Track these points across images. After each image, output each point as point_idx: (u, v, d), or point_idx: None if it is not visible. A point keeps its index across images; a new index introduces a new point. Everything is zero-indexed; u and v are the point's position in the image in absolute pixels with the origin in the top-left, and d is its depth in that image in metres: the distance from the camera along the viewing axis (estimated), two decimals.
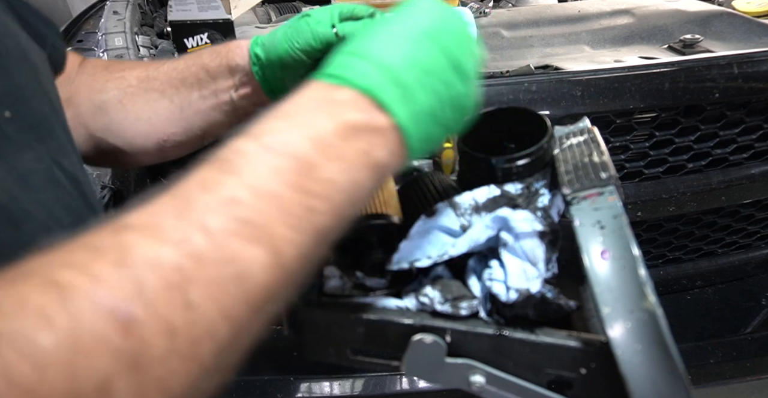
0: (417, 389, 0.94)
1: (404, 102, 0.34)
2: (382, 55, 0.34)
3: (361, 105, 0.33)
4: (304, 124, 0.31)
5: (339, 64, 0.35)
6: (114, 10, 1.16)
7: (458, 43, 0.37)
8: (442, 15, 0.38)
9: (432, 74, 0.35)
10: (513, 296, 0.39)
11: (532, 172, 0.45)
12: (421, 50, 0.35)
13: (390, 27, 0.37)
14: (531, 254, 0.41)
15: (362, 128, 0.32)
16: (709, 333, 1.01)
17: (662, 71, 0.87)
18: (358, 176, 0.32)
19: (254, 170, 0.29)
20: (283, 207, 0.29)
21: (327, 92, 0.33)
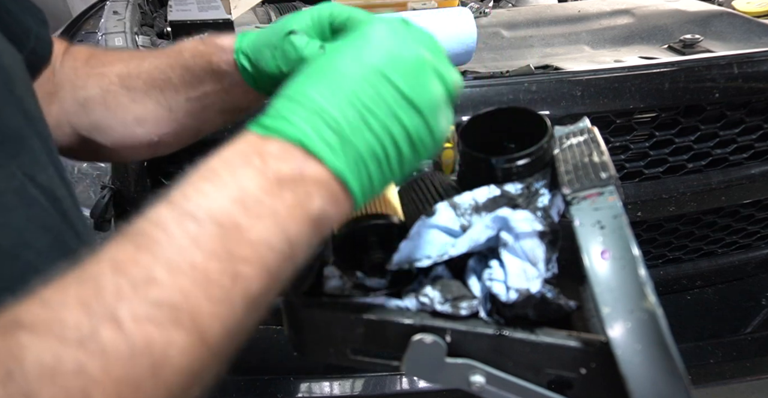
0: (417, 389, 0.94)
1: (339, 148, 0.32)
2: (316, 98, 0.32)
3: (290, 156, 0.31)
4: (228, 183, 0.29)
5: (271, 113, 0.33)
6: (114, 10, 1.16)
7: (407, 70, 0.34)
8: (397, 41, 0.35)
9: (375, 113, 0.33)
10: (513, 297, 0.39)
11: (532, 172, 0.45)
12: (364, 87, 0.33)
13: (333, 62, 0.34)
14: (531, 254, 0.41)
15: (293, 180, 0.30)
16: (709, 333, 1.01)
17: (662, 71, 0.87)
18: (293, 230, 0.30)
19: (172, 243, 0.27)
20: (206, 280, 0.27)
21: (256, 145, 0.31)
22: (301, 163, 0.31)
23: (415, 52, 0.35)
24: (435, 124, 0.35)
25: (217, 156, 0.31)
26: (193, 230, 0.27)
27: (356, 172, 0.32)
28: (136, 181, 0.91)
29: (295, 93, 0.33)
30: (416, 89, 0.34)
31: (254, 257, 0.28)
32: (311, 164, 0.31)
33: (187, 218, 0.28)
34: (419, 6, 1.14)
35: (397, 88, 0.33)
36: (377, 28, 0.35)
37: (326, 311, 0.42)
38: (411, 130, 0.34)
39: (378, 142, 0.33)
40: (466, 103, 0.86)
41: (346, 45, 0.35)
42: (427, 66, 0.35)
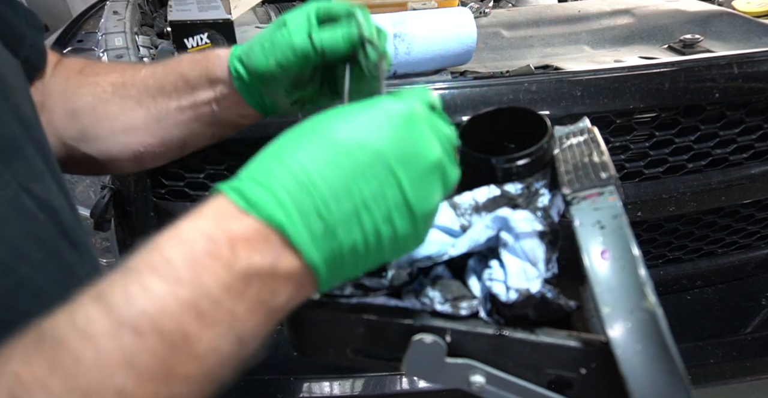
0: (417, 389, 0.94)
1: (321, 240, 0.28)
2: (310, 170, 0.29)
3: (265, 245, 0.27)
4: (185, 283, 0.25)
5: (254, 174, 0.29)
6: (114, 10, 1.16)
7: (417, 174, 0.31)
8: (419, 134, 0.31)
9: (371, 211, 0.30)
10: (513, 297, 0.39)
11: (532, 172, 0.45)
12: (369, 179, 0.29)
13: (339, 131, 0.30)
14: (531, 254, 0.41)
15: (263, 274, 0.27)
16: (709, 333, 1.01)
17: (662, 71, 0.87)
18: (249, 331, 0.27)
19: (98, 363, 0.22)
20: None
21: (227, 224, 0.27)
22: (276, 254, 0.28)
23: (434, 153, 0.32)
24: (424, 231, 0.33)
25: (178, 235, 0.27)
26: (129, 346, 0.23)
27: (331, 265, 0.30)
28: (136, 181, 0.91)
29: (288, 155, 0.29)
30: (420, 197, 0.31)
31: (197, 373, 0.25)
32: (287, 256, 0.28)
33: (125, 330, 0.23)
34: (419, 6, 1.14)
35: (403, 191, 0.30)
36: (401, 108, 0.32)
37: (326, 311, 0.42)
38: (400, 234, 0.31)
39: (363, 240, 0.30)
40: (466, 103, 0.86)
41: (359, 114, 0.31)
42: (439, 171, 0.33)
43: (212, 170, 0.91)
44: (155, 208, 0.94)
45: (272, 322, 0.29)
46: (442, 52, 0.94)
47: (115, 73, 0.56)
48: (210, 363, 0.26)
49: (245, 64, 0.50)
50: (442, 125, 0.35)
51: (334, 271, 0.30)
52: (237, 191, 0.29)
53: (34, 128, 0.43)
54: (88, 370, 0.22)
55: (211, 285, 0.26)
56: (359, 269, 0.32)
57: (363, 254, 0.31)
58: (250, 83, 0.51)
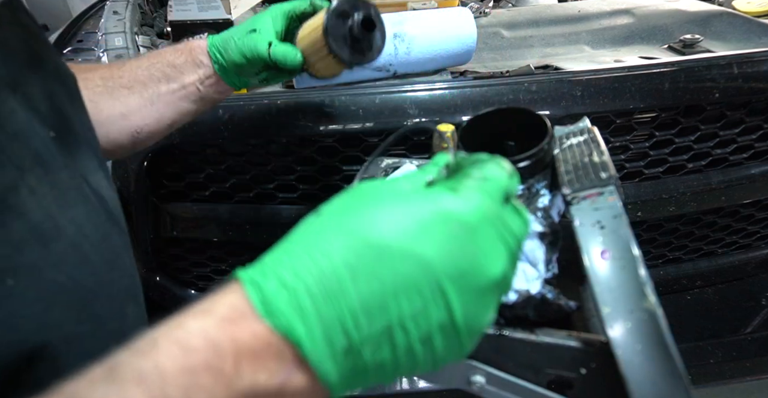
0: (417, 389, 0.94)
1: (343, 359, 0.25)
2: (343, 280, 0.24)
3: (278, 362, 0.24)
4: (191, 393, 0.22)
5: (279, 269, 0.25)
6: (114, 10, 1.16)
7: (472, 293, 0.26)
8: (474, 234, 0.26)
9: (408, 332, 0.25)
10: (513, 297, 0.39)
11: (533, 173, 0.45)
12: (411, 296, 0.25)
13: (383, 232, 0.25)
14: (531, 255, 0.41)
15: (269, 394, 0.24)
16: (709, 333, 1.01)
17: (662, 71, 0.87)
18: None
19: None
20: None
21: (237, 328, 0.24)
22: (288, 373, 0.24)
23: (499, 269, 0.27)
24: (468, 350, 0.28)
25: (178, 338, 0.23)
26: None
27: (348, 381, 0.26)
28: (136, 181, 0.91)
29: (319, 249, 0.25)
30: (472, 318, 0.26)
31: None
32: (299, 374, 0.25)
33: None
34: (419, 6, 1.13)
35: (451, 313, 0.26)
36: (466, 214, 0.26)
37: None
38: (439, 356, 0.27)
39: (393, 360, 0.26)
40: (466, 103, 0.86)
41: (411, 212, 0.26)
42: (500, 288, 0.28)
43: (212, 169, 0.91)
44: (155, 208, 0.94)
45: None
46: (442, 52, 0.94)
47: (102, 69, 0.65)
48: None
49: (222, 54, 0.64)
50: (515, 224, 0.28)
51: (351, 385, 0.27)
52: (257, 287, 0.25)
53: (90, 131, 0.48)
54: None
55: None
56: (380, 381, 0.28)
57: (390, 370, 0.27)
58: (226, 68, 0.64)
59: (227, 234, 0.95)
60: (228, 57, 0.63)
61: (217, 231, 0.95)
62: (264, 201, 0.94)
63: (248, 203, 0.94)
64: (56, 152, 0.40)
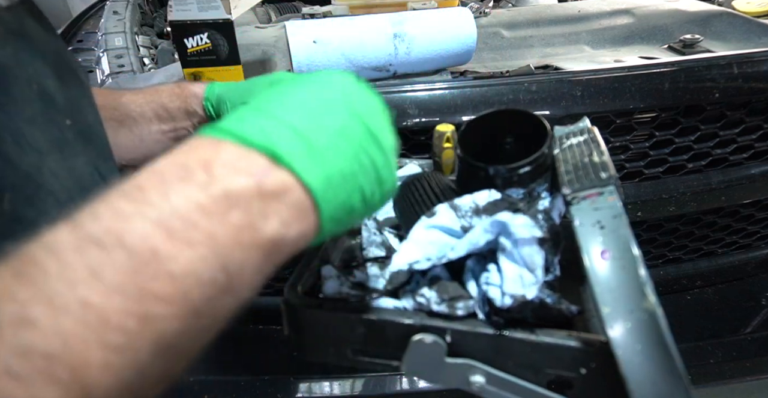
0: (417, 389, 0.94)
1: (312, 159, 0.28)
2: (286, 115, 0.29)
3: (249, 164, 0.27)
4: (154, 203, 0.25)
5: (233, 118, 0.29)
6: (114, 10, 1.16)
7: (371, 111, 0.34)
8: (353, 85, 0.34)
9: (346, 138, 0.31)
10: (507, 302, 0.39)
11: (534, 178, 0.45)
12: (334, 112, 0.31)
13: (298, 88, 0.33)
14: (529, 260, 0.41)
15: (246, 195, 0.26)
16: (709, 333, 1.01)
17: (662, 71, 0.87)
18: (236, 258, 0.26)
19: (63, 275, 0.22)
20: (101, 323, 0.22)
21: (203, 152, 0.27)
22: (263, 172, 0.27)
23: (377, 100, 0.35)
24: (394, 167, 0.34)
25: (149, 168, 0.27)
26: (94, 259, 0.23)
27: (327, 189, 0.29)
28: None
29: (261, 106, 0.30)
30: (380, 126, 0.33)
31: (174, 294, 0.24)
32: (276, 172, 0.27)
33: (90, 244, 0.23)
34: (419, 6, 1.13)
35: (366, 121, 0.32)
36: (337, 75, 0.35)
37: (326, 311, 0.42)
38: (378, 164, 0.32)
39: (350, 168, 0.30)
40: (466, 103, 0.86)
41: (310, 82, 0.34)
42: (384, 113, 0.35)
43: None
44: None
45: (269, 258, 0.28)
46: (442, 52, 0.94)
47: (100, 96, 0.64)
48: (189, 286, 0.24)
49: (215, 111, 0.60)
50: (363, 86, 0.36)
51: (334, 198, 0.29)
52: (214, 129, 0.29)
53: (101, 122, 0.49)
54: (53, 281, 0.22)
55: (182, 206, 0.25)
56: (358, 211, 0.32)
57: (353, 187, 0.30)
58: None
59: None
60: (219, 112, 0.60)
61: None
62: None
63: None
64: (72, 139, 0.41)
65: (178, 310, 0.24)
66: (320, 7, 1.16)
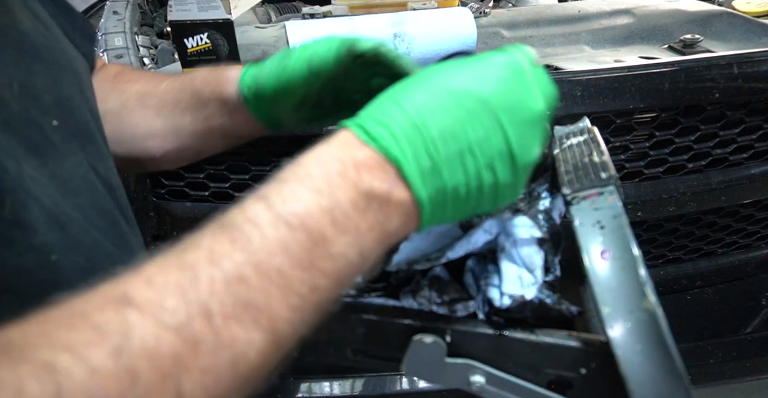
0: (417, 389, 0.94)
1: (429, 177, 0.32)
2: (424, 115, 0.32)
3: (383, 173, 0.32)
4: (323, 192, 0.30)
5: (374, 115, 0.33)
6: (114, 10, 1.16)
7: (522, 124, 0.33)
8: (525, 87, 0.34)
9: (476, 156, 0.33)
10: (506, 302, 0.39)
11: (534, 178, 0.45)
12: (475, 126, 0.32)
13: (452, 81, 0.34)
14: (528, 260, 0.41)
15: (381, 199, 0.31)
16: (709, 333, 1.01)
17: (662, 71, 0.87)
18: (368, 247, 0.31)
19: (264, 245, 0.28)
20: (289, 287, 0.28)
21: (353, 151, 0.32)
22: (392, 184, 0.32)
23: (539, 105, 0.35)
24: (522, 182, 0.36)
25: (315, 157, 0.32)
26: (285, 236, 0.29)
27: (434, 205, 0.33)
28: (136, 181, 0.91)
29: (404, 99, 0.33)
30: (523, 147, 0.34)
31: (332, 271, 0.30)
32: (400, 187, 0.32)
33: (281, 223, 0.29)
34: (419, 6, 1.14)
35: (507, 140, 0.33)
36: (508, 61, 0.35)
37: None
38: (501, 182, 0.34)
39: (465, 183, 0.33)
40: None
41: (470, 68, 0.34)
42: (541, 123, 0.35)
43: (212, 169, 0.91)
44: (155, 208, 0.94)
45: (384, 245, 0.33)
46: (442, 52, 0.94)
47: (141, 82, 0.61)
48: (340, 265, 0.30)
49: (253, 88, 0.53)
50: (546, 79, 0.37)
51: (436, 210, 0.33)
52: (360, 127, 0.33)
53: (98, 118, 0.48)
54: (257, 250, 0.28)
55: (342, 199, 0.30)
56: (458, 213, 0.35)
57: (464, 197, 0.34)
58: (259, 104, 0.54)
59: None
60: (258, 90, 0.52)
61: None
62: None
63: None
64: (59, 141, 0.40)
65: (333, 284, 0.30)
66: (320, 7, 1.16)
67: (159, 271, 0.27)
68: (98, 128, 0.47)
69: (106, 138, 0.49)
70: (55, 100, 0.41)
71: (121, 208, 0.46)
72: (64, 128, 0.41)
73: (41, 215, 0.36)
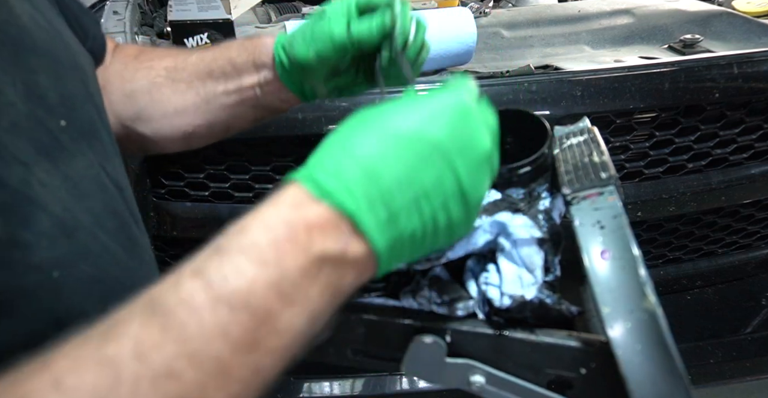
0: (417, 389, 0.94)
1: (385, 227, 0.31)
2: (377, 163, 0.31)
3: (337, 231, 0.30)
4: (269, 262, 0.28)
5: (326, 168, 0.31)
6: (114, 10, 1.16)
7: (472, 164, 0.33)
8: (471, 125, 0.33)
9: (430, 200, 0.32)
10: (506, 302, 0.39)
11: (535, 178, 0.45)
12: (428, 170, 0.32)
13: (399, 125, 0.32)
14: (528, 260, 0.41)
15: (334, 260, 0.30)
16: (709, 333, 1.01)
17: (662, 71, 0.87)
18: (319, 310, 0.30)
19: (201, 333, 0.26)
20: (228, 375, 0.26)
21: (303, 210, 0.30)
22: (347, 240, 0.30)
23: (487, 144, 0.34)
24: (473, 218, 0.35)
25: (262, 221, 0.30)
26: (224, 319, 0.26)
27: (391, 251, 0.32)
28: (136, 181, 0.91)
29: (354, 146, 0.32)
30: (474, 185, 0.33)
31: (279, 347, 0.28)
32: (355, 242, 0.30)
33: (221, 304, 0.26)
34: (419, 6, 1.13)
35: (459, 181, 0.32)
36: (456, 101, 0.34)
37: None
38: (455, 221, 0.33)
39: (422, 227, 0.32)
40: None
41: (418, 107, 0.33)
42: (489, 161, 0.35)
43: (212, 170, 0.91)
44: (155, 208, 0.94)
45: (336, 304, 0.32)
46: (442, 52, 0.94)
47: (169, 58, 0.60)
48: (288, 339, 0.29)
49: (287, 53, 0.52)
50: (489, 115, 0.37)
51: (393, 256, 0.32)
52: (311, 180, 0.31)
53: (104, 116, 0.47)
54: (193, 338, 0.26)
55: (291, 268, 0.28)
56: (415, 254, 0.34)
57: (420, 240, 0.33)
58: (291, 71, 0.53)
59: None
60: (292, 54, 0.51)
61: (217, 231, 0.95)
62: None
63: (248, 203, 0.94)
64: (68, 141, 0.40)
65: (279, 360, 0.29)
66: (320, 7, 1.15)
67: (72, 368, 0.24)
68: (104, 125, 0.46)
69: (112, 135, 0.48)
70: (60, 99, 0.40)
71: (130, 209, 0.46)
72: (72, 128, 0.40)
73: (48, 225, 0.35)
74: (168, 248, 1.00)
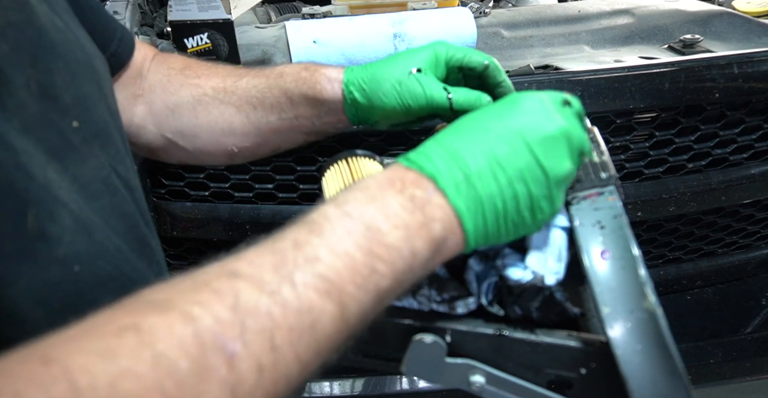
0: (417, 389, 0.94)
1: (464, 189, 0.36)
2: (456, 145, 0.38)
3: (423, 185, 0.36)
4: (376, 197, 0.35)
5: (417, 150, 0.39)
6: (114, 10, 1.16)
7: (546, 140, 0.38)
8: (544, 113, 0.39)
9: (505, 169, 0.37)
10: (528, 277, 0.39)
11: None
12: (501, 145, 0.37)
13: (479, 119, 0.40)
14: (556, 247, 0.41)
15: (422, 204, 0.36)
16: (709, 333, 1.01)
17: (662, 71, 0.87)
18: (417, 245, 0.35)
19: (334, 233, 0.33)
20: (353, 266, 0.33)
21: (400, 173, 0.37)
22: (431, 192, 0.36)
23: (557, 122, 0.38)
24: (558, 196, 0.39)
25: (374, 177, 0.38)
26: (348, 226, 0.34)
27: (473, 214, 0.37)
28: None
29: (441, 138, 0.39)
30: (551, 159, 0.37)
31: (387, 258, 0.34)
32: (438, 196, 0.36)
33: (345, 216, 0.34)
34: (419, 6, 1.13)
35: (533, 153, 0.37)
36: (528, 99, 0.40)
37: None
38: (534, 195, 0.37)
39: (500, 194, 0.37)
40: None
41: (495, 108, 0.40)
42: (564, 137, 0.38)
43: (212, 169, 0.91)
44: (155, 208, 0.94)
45: (434, 255, 0.36)
46: None
47: (217, 78, 0.60)
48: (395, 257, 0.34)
49: (366, 95, 0.53)
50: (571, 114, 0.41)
51: (476, 223, 0.37)
52: (404, 159, 0.39)
53: (117, 117, 0.48)
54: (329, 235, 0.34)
55: (392, 202, 0.35)
56: (502, 229, 0.38)
57: (501, 209, 0.37)
58: (365, 110, 0.54)
59: (227, 234, 0.95)
60: (375, 99, 0.52)
61: (217, 231, 0.95)
62: (264, 201, 0.94)
63: (248, 203, 0.94)
64: (80, 142, 0.40)
65: (389, 271, 0.34)
66: (320, 7, 1.16)
67: (257, 255, 0.32)
68: (116, 126, 0.47)
69: (125, 136, 0.48)
70: (74, 100, 0.41)
71: (140, 210, 0.47)
72: (85, 129, 0.41)
73: (69, 222, 0.37)
74: (168, 248, 1.00)
